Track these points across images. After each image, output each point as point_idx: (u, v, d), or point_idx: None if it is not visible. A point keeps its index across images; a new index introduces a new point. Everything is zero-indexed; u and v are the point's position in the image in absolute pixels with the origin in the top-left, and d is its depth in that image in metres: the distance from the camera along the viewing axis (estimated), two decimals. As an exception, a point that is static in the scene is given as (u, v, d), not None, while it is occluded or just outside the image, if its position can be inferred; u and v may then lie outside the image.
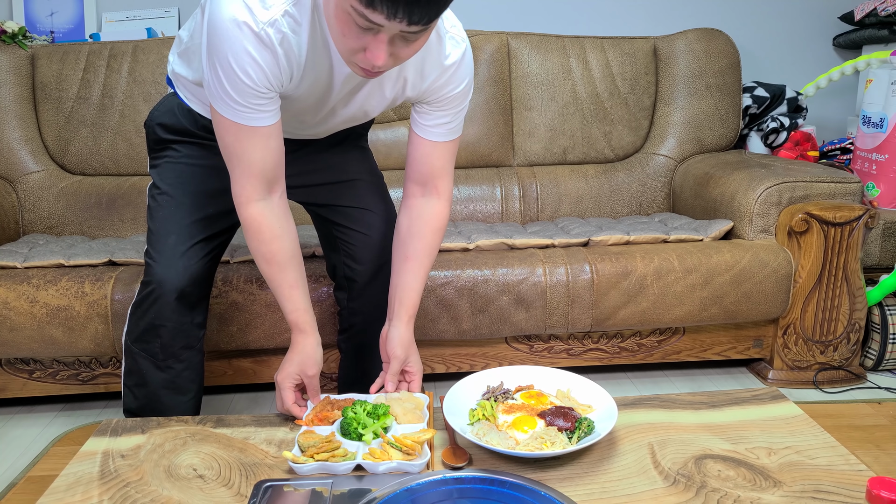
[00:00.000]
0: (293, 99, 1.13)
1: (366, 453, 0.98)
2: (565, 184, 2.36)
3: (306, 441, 1.00)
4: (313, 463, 0.96)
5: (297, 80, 1.08)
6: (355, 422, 1.03)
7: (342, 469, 0.96)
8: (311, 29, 1.02)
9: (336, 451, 0.98)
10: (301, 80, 1.08)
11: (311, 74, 1.08)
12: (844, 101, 2.80)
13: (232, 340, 1.72)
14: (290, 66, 1.04)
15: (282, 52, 1.01)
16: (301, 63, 1.05)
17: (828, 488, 0.93)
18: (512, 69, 2.39)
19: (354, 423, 1.03)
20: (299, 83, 1.09)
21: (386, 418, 1.06)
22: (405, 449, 0.98)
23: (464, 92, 1.18)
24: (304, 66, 1.06)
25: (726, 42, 2.42)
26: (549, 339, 1.91)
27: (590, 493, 0.92)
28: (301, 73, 1.07)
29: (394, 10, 0.84)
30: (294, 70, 1.06)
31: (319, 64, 1.07)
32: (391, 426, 1.06)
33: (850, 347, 1.95)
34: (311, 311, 1.21)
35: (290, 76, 1.06)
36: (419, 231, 1.25)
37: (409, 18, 0.85)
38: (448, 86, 1.15)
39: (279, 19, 0.98)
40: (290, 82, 1.07)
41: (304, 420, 1.09)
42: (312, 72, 1.08)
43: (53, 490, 0.94)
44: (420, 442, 1.00)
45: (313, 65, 1.07)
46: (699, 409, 1.15)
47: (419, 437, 1.01)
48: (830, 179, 1.92)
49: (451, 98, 1.17)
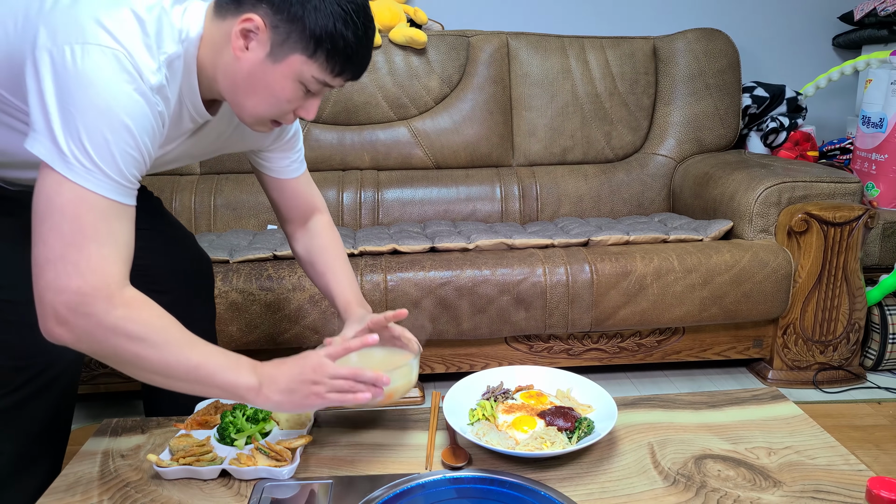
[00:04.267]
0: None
1: (233, 458, 0.98)
2: (565, 184, 2.36)
3: (177, 445, 1.00)
4: (177, 467, 0.96)
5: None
6: (231, 426, 1.02)
7: (206, 474, 0.96)
8: (179, 92, 0.94)
9: (203, 456, 0.98)
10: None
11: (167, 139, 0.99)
12: (844, 101, 2.80)
13: (232, 341, 1.72)
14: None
15: (160, 122, 0.90)
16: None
17: (828, 488, 0.93)
18: (512, 69, 2.39)
19: (231, 427, 1.02)
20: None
21: (266, 423, 1.05)
22: (273, 455, 0.98)
23: (299, 128, 1.22)
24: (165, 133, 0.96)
25: (726, 42, 2.42)
26: (548, 339, 1.91)
27: (589, 493, 0.92)
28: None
29: (356, 75, 0.94)
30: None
31: (173, 124, 0.98)
32: (272, 431, 1.05)
33: (850, 347, 1.95)
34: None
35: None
36: (318, 247, 1.25)
37: (356, 78, 0.95)
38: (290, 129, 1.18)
39: (164, 83, 0.88)
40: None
41: (185, 424, 1.08)
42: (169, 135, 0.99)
43: (53, 490, 0.94)
44: (292, 448, 0.99)
45: (172, 125, 0.98)
46: (699, 409, 1.15)
47: (291, 443, 1.00)
48: (830, 179, 1.93)
49: (294, 135, 1.20)
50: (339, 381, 0.90)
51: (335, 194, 2.25)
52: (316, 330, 1.75)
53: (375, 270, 1.76)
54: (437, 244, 1.88)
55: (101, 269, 0.82)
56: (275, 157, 1.19)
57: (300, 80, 0.90)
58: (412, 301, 1.75)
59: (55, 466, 1.12)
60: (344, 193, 2.26)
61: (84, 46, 0.81)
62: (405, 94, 2.33)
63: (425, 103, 2.35)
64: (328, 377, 0.90)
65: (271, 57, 0.89)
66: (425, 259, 1.81)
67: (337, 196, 2.25)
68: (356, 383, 0.91)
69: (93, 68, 0.80)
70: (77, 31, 0.82)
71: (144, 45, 0.85)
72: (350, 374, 0.91)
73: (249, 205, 2.22)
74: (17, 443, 1.06)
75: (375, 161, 2.35)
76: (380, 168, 2.36)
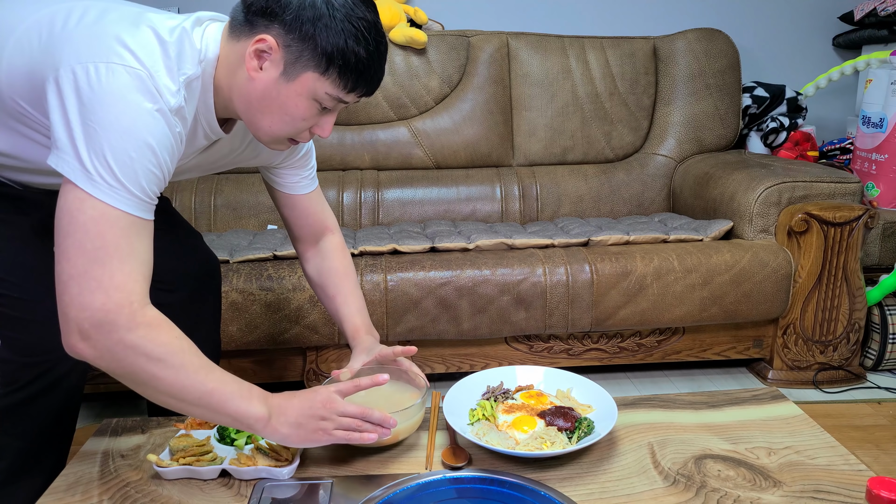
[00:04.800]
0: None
1: (233, 458, 0.98)
2: (565, 184, 2.36)
3: (177, 445, 1.00)
4: (177, 467, 0.96)
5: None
6: (230, 427, 1.03)
7: (206, 474, 0.96)
8: (196, 111, 0.95)
9: (203, 456, 0.98)
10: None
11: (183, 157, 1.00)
12: (844, 101, 2.80)
13: (232, 341, 1.72)
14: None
15: (180, 141, 0.92)
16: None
17: (828, 488, 0.93)
18: (512, 69, 2.39)
19: (230, 428, 1.02)
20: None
21: None
22: (273, 455, 0.98)
23: (312, 145, 1.22)
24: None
25: (726, 42, 2.42)
26: (548, 339, 1.91)
27: (590, 493, 0.92)
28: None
29: (370, 90, 0.94)
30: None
31: (188, 141, 0.99)
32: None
33: (850, 347, 1.95)
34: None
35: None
36: (329, 270, 1.25)
37: (370, 94, 0.95)
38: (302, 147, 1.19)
39: (182, 105, 0.89)
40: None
41: (185, 424, 1.08)
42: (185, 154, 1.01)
43: (53, 490, 0.94)
44: (293, 449, 0.99)
45: (187, 142, 0.98)
46: (699, 409, 1.15)
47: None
48: (830, 179, 1.92)
49: (307, 152, 1.20)
50: (347, 420, 0.92)
51: (335, 194, 2.25)
52: (316, 330, 1.75)
53: (375, 270, 1.76)
54: (437, 244, 1.88)
55: (125, 287, 0.83)
56: (286, 173, 1.20)
57: (314, 97, 0.91)
58: (412, 301, 1.75)
59: (60, 465, 1.12)
60: (344, 193, 2.26)
61: (108, 66, 0.82)
62: (405, 94, 2.33)
63: (425, 103, 2.35)
64: (336, 414, 0.92)
65: (285, 76, 0.90)
66: (425, 259, 1.81)
67: (337, 196, 2.25)
68: (363, 423, 0.93)
69: (117, 87, 0.81)
70: (101, 49, 0.83)
71: (165, 67, 0.86)
72: (358, 412, 0.93)
73: (249, 205, 2.22)
74: (24, 440, 1.07)
75: (375, 161, 2.35)
76: (380, 168, 2.36)
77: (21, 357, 1.03)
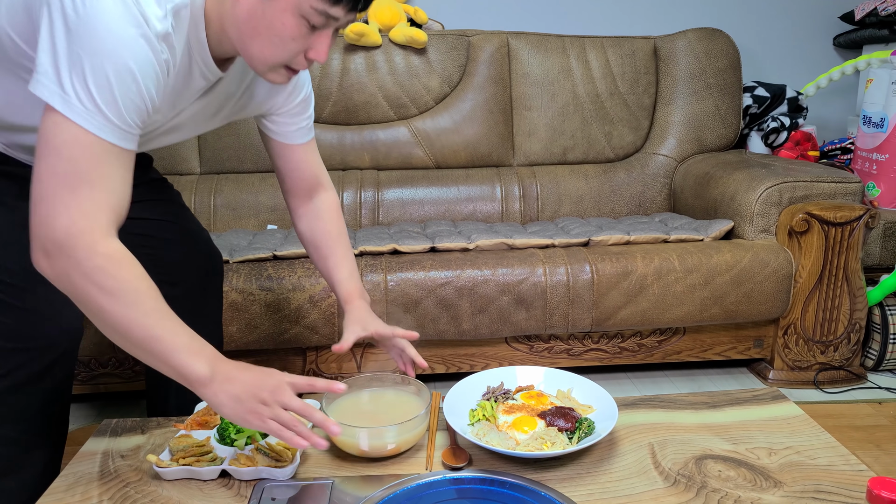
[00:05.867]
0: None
1: (233, 459, 0.98)
2: (565, 184, 2.36)
3: (176, 445, 1.00)
4: (177, 467, 0.96)
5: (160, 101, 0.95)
6: (231, 427, 1.02)
7: (206, 474, 0.96)
8: (187, 44, 0.93)
9: (203, 457, 0.98)
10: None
11: (171, 94, 0.98)
12: (845, 100, 2.80)
13: (232, 341, 1.72)
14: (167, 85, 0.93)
15: (165, 70, 0.90)
16: (170, 81, 0.94)
17: (828, 488, 0.93)
18: (512, 69, 2.39)
19: (231, 427, 1.02)
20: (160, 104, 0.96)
21: None
22: (273, 455, 0.98)
23: (311, 93, 1.20)
24: (171, 84, 0.95)
25: (726, 42, 2.42)
26: (549, 340, 1.91)
27: (590, 494, 0.92)
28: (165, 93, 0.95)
29: (356, 3, 0.87)
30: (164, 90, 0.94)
31: (182, 79, 0.98)
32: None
33: (851, 347, 1.95)
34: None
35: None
36: (323, 231, 1.24)
37: (364, 6, 0.89)
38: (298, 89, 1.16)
39: (169, 31, 0.87)
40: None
41: (185, 424, 1.08)
42: (174, 91, 0.98)
43: (53, 490, 0.94)
44: (293, 449, 0.99)
45: (181, 81, 0.97)
46: (699, 410, 1.15)
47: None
48: (831, 179, 1.92)
49: (304, 99, 1.18)
50: (286, 416, 0.89)
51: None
52: (316, 330, 1.75)
53: (376, 270, 1.76)
54: (437, 244, 1.88)
55: (91, 214, 0.83)
56: (283, 121, 1.17)
57: (300, 12, 0.88)
58: (412, 301, 1.75)
59: (53, 463, 1.12)
60: (344, 193, 2.26)
61: None
62: (405, 94, 2.33)
63: (425, 103, 2.35)
64: (279, 404, 0.89)
65: None
66: (425, 259, 1.81)
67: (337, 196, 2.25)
68: (299, 423, 0.90)
69: (100, 12, 0.81)
70: None
71: None
72: (301, 408, 0.90)
73: (249, 205, 2.22)
74: (13, 428, 1.07)
75: (375, 161, 2.35)
76: (380, 168, 2.36)
77: (8, 342, 1.03)
